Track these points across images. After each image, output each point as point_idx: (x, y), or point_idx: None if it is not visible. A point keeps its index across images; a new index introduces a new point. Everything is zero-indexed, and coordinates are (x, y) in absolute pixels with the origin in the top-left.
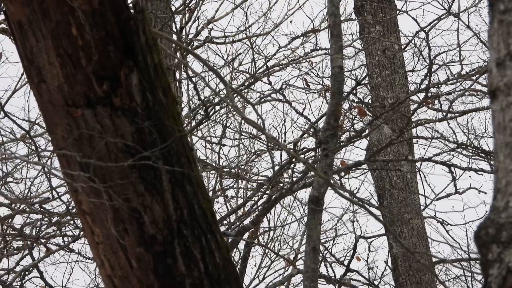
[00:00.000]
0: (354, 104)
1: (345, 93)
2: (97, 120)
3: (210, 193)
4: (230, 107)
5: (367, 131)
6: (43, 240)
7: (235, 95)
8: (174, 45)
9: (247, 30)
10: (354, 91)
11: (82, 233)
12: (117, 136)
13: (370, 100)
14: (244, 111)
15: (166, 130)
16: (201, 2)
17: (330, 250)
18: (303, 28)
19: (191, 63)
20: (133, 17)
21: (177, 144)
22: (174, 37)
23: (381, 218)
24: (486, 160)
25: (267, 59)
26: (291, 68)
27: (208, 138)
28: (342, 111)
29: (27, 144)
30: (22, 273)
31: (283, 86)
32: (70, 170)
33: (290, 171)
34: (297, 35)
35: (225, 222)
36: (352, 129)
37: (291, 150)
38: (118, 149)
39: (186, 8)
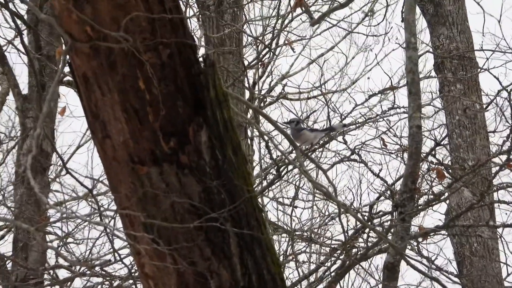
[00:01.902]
0: (433, 166)
1: (424, 154)
2: (163, 178)
3: (281, 258)
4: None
5: (446, 194)
6: None
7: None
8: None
9: (323, 86)
10: (433, 152)
11: None
12: (183, 196)
13: (449, 162)
14: (318, 172)
15: (235, 190)
16: (275, 56)
17: None
18: (381, 85)
19: (263, 120)
20: (203, 71)
21: (246, 205)
22: (247, 92)
23: None
24: None
25: (342, 116)
26: (367, 126)
27: (280, 199)
28: (420, 173)
29: (90, 203)
30: None
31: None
32: (134, 231)
33: (365, 235)
34: (375, 93)
35: None
36: (430, 192)
37: (364, 217)
38: (184, 210)
39: (259, 63)
